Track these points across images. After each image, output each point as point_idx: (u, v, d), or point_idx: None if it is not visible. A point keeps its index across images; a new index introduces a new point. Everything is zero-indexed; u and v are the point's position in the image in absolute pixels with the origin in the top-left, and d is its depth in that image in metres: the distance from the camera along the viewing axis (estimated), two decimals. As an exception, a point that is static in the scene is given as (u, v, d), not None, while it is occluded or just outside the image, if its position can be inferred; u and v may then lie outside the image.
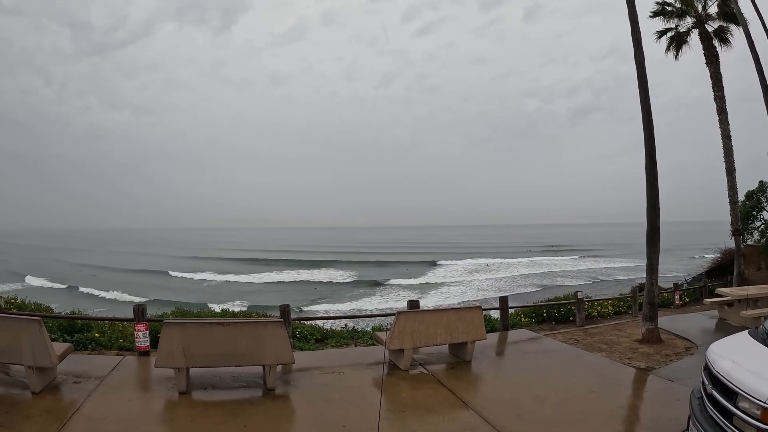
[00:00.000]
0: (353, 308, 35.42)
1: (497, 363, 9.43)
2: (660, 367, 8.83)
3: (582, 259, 76.10)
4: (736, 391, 3.97)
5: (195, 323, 7.49)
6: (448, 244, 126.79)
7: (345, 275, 58.84)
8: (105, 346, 9.94)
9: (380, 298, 41.50)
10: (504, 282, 49.60)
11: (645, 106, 11.23)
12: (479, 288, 46.24)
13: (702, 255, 33.16)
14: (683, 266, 47.85)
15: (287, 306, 9.98)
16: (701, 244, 39.45)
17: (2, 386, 6.89)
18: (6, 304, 11.14)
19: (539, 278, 53.13)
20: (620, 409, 6.78)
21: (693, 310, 15.90)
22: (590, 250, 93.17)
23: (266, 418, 6.20)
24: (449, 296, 41.89)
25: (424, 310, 9.71)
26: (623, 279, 45.53)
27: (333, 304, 37.88)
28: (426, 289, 44.50)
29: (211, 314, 12.44)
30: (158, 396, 6.91)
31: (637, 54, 11.34)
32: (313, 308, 35.44)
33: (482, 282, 50.27)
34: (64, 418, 5.86)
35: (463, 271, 62.11)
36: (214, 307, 15.87)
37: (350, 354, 9.97)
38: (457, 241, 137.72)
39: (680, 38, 20.56)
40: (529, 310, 14.96)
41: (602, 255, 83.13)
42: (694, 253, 62.33)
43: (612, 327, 12.75)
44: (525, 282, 50.22)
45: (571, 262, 72.48)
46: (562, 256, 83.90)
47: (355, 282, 52.58)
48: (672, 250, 66.85)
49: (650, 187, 11.12)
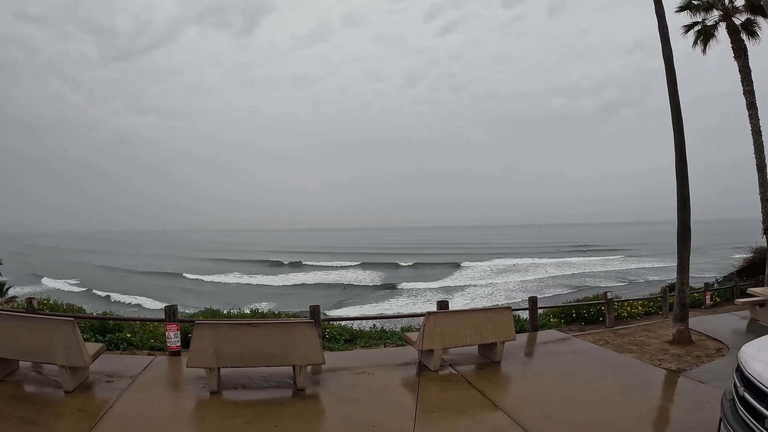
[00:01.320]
0: (379, 310, 35.46)
1: (526, 364, 9.37)
2: (691, 369, 8.66)
3: (612, 260, 74.34)
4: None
5: (226, 324, 7.61)
6: (474, 244, 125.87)
7: (370, 277, 58.99)
8: (136, 346, 10.11)
9: (406, 299, 41.54)
10: (532, 284, 48.85)
11: (674, 103, 11.05)
12: (506, 289, 45.89)
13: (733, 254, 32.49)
14: (714, 266, 46.90)
15: (317, 306, 10.03)
16: (733, 243, 38.61)
17: (35, 385, 7.07)
18: (39, 305, 11.39)
19: (568, 279, 52.29)
20: (650, 411, 6.67)
21: (724, 311, 15.59)
22: (621, 250, 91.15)
23: (296, 418, 6.25)
24: (476, 297, 41.70)
25: (453, 311, 9.71)
26: (654, 280, 44.71)
27: (359, 306, 38.03)
28: (451, 292, 44.20)
29: (241, 315, 12.57)
30: (189, 395, 7.02)
31: (664, 49, 11.16)
32: (339, 311, 35.47)
33: (509, 284, 49.79)
34: (96, 416, 5.97)
35: (490, 272, 61.66)
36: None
37: (379, 354, 9.99)
38: (483, 241, 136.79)
39: (707, 32, 20.21)
40: (558, 311, 14.85)
41: (633, 255, 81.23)
42: (725, 252, 61.17)
43: (642, 328, 12.57)
44: (554, 283, 49.45)
45: (601, 262, 70.92)
46: (591, 256, 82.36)
47: (381, 284, 52.61)
48: (702, 248, 65.65)
49: (680, 184, 10.94)
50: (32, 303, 10.65)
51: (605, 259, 76.62)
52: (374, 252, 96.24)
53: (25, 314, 8.87)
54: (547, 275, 56.62)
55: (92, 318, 11.85)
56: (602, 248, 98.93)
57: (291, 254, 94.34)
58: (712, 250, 67.45)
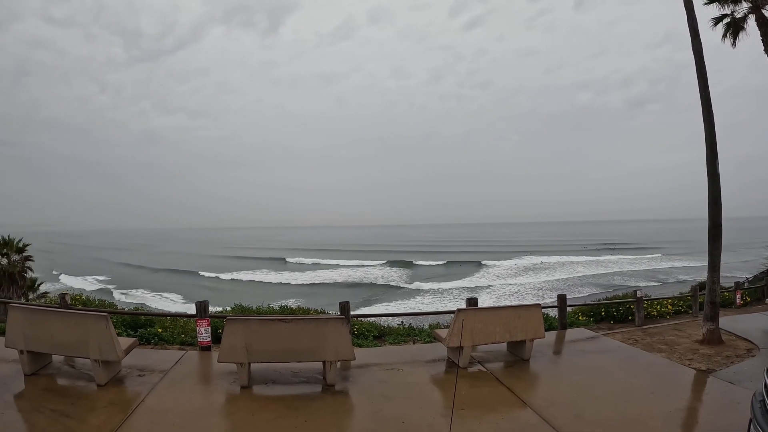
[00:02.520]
0: (405, 309, 35.39)
1: (555, 362, 9.30)
2: (721, 369, 8.56)
3: (643, 258, 72.98)
4: None
5: (257, 320, 7.72)
6: (501, 241, 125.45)
7: (396, 275, 59.05)
8: (167, 341, 10.34)
9: (432, 297, 41.49)
10: (560, 283, 48.30)
11: (704, 97, 10.88)
12: (534, 288, 45.61)
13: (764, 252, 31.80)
14: (745, 264, 46.06)
15: (347, 303, 10.11)
16: (764, 241, 37.74)
17: (69, 379, 7.25)
18: (72, 300, 11.65)
19: (597, 278, 51.55)
20: (679, 411, 6.61)
21: (755, 310, 15.33)
22: (651, 248, 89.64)
23: (326, 413, 6.32)
24: (501, 296, 41.55)
25: (483, 308, 9.66)
26: (686, 279, 43.95)
27: (385, 304, 38.02)
28: (477, 291, 43.76)
29: (270, 311, 12.70)
30: (220, 390, 7.13)
31: (694, 43, 10.99)
32: (364, 309, 35.57)
33: (534, 284, 49.27)
34: (128, 410, 6.10)
35: (516, 270, 61.28)
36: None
37: (408, 351, 10.03)
38: (509, 239, 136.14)
39: (736, 24, 19.77)
40: (587, 309, 14.77)
41: (665, 253, 79.72)
42: (756, 250, 59.87)
43: (672, 327, 12.42)
44: (582, 282, 48.92)
45: (630, 261, 69.79)
46: (621, 254, 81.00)
47: (405, 283, 52.60)
48: (733, 246, 64.42)
49: (712, 181, 10.77)
50: (65, 299, 10.93)
51: (635, 257, 75.21)
52: (400, 250, 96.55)
53: (59, 309, 9.11)
54: (575, 274, 55.93)
55: (124, 313, 12.15)
56: (632, 246, 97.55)
57: (316, 252, 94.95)
58: (743, 249, 66.25)
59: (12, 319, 7.15)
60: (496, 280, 52.98)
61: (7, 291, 18.60)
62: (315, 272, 62.77)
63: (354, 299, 38.07)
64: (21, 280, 19.10)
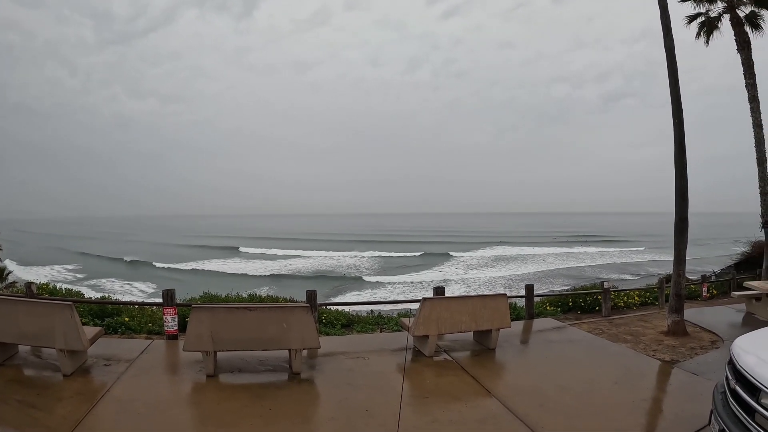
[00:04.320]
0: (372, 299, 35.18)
1: (521, 351, 9.39)
2: (685, 360, 8.71)
3: (615, 251, 73.28)
4: (760, 388, 3.91)
5: (223, 308, 7.62)
6: (474, 232, 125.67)
7: (369, 264, 58.77)
8: (134, 330, 10.19)
9: (398, 290, 41.34)
10: (531, 276, 47.35)
11: (674, 94, 10.99)
12: (505, 280, 45.47)
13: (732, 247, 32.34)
14: (713, 258, 46.79)
15: (314, 291, 10.13)
16: (732, 236, 38.35)
17: (35, 369, 7.15)
18: (38, 290, 11.44)
19: (567, 271, 51.24)
20: (643, 401, 6.70)
21: (720, 303, 15.61)
22: (623, 241, 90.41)
23: (292, 401, 6.31)
24: (471, 289, 41.46)
25: (449, 297, 9.67)
26: (657, 272, 44.33)
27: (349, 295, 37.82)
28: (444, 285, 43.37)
29: (238, 299, 12.61)
30: (186, 379, 7.08)
31: (666, 40, 11.08)
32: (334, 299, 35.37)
33: (505, 277, 48.58)
34: (94, 399, 6.04)
35: (488, 262, 61.26)
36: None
37: (375, 340, 10.05)
38: (482, 229, 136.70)
39: (711, 24, 20.07)
40: (554, 299, 14.93)
41: (635, 246, 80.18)
42: (724, 245, 60.69)
43: (638, 318, 12.63)
44: (553, 274, 48.74)
45: (599, 254, 69.40)
46: (592, 246, 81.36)
47: (375, 273, 52.38)
48: (701, 240, 65.48)
49: (679, 176, 10.91)
50: (31, 288, 10.74)
51: (605, 250, 75.66)
52: (371, 240, 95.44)
53: (25, 299, 8.93)
54: (547, 267, 55.63)
55: (91, 302, 11.96)
56: (604, 239, 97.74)
57: (284, 242, 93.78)
58: (710, 243, 67.35)
59: (-23, 310, 6.99)
60: (468, 271, 52.84)
61: (-26, 280, 18.20)
62: (283, 261, 62.15)
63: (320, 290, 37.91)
64: (-12, 270, 18.68)
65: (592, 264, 57.84)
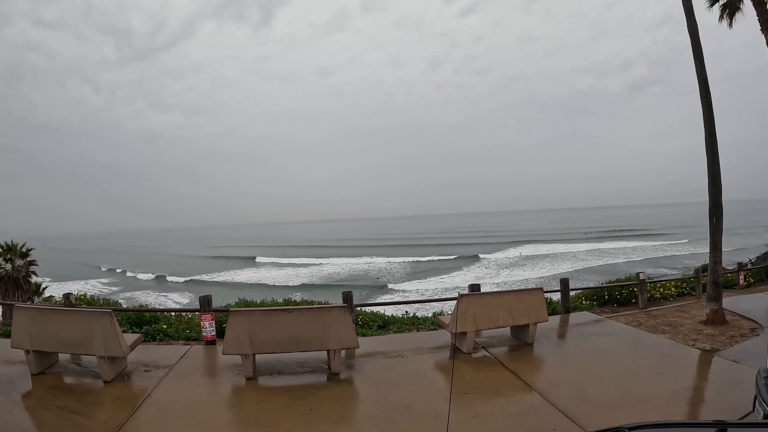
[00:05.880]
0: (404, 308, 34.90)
1: (559, 345, 9.32)
2: (725, 349, 8.59)
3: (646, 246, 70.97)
4: None
5: (261, 311, 7.75)
6: (502, 231, 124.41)
7: (401, 268, 58.46)
8: (172, 336, 10.37)
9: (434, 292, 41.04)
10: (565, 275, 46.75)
11: (701, 78, 10.85)
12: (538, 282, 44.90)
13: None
14: (749, 246, 45.77)
15: (350, 292, 10.18)
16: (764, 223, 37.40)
17: (75, 376, 7.28)
18: (76, 300, 11.70)
19: (601, 269, 49.96)
20: (684, 390, 6.60)
21: (758, 291, 15.31)
22: (656, 235, 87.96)
23: (331, 401, 6.36)
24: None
25: (485, 293, 9.64)
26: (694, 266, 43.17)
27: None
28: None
29: (274, 303, 12.74)
30: (226, 382, 7.17)
31: (689, 23, 10.94)
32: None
33: (536, 280, 47.19)
34: (135, 404, 6.14)
35: (520, 260, 60.66)
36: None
37: (412, 338, 10.04)
38: (511, 228, 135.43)
39: (732, 5, 19.74)
40: (590, 293, 14.77)
41: (676, 239, 77.25)
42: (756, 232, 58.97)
43: (675, 308, 12.45)
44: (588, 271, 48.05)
45: (633, 250, 67.74)
46: (625, 241, 79.41)
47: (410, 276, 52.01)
48: (735, 229, 63.94)
49: (711, 160, 10.74)
50: (69, 298, 10.98)
51: (640, 244, 73.41)
52: (402, 244, 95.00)
53: (64, 308, 9.15)
54: (580, 265, 54.28)
55: (129, 310, 12.21)
56: (636, 232, 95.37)
57: (309, 248, 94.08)
58: (745, 231, 65.75)
59: (17, 320, 7.18)
60: (500, 272, 52.22)
61: (12, 296, 18.69)
62: (313, 269, 62.38)
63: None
64: (26, 285, 19.21)
65: (627, 260, 56.10)
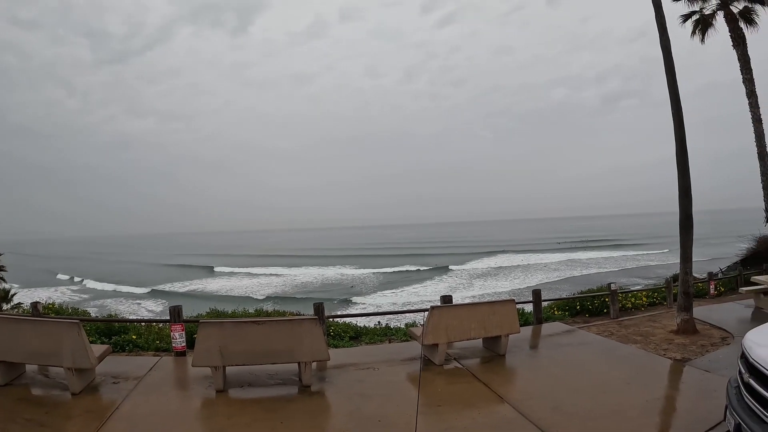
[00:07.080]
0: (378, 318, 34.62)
1: (532, 356, 9.35)
2: (696, 358, 8.67)
3: (619, 255, 70.94)
4: None
5: (232, 322, 7.61)
6: (477, 240, 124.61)
7: (374, 278, 58.10)
8: (142, 347, 10.16)
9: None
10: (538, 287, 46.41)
11: (673, 92, 11.03)
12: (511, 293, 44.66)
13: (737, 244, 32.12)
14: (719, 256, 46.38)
15: (321, 304, 10.10)
16: (737, 233, 38.03)
17: (43, 388, 7.12)
18: (44, 309, 11.44)
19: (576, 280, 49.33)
20: (657, 400, 6.68)
21: (728, 300, 15.54)
22: (628, 245, 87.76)
23: (303, 414, 6.27)
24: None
25: (457, 305, 9.66)
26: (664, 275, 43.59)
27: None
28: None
29: (245, 314, 12.61)
30: (196, 394, 7.05)
31: (662, 38, 11.11)
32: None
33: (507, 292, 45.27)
34: (104, 417, 6.00)
35: (492, 270, 60.55)
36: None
37: (384, 350, 10.02)
38: (484, 238, 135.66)
39: (705, 21, 20.23)
40: (562, 303, 14.86)
41: (655, 249, 76.45)
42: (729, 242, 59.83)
43: (647, 318, 12.57)
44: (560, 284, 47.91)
45: (605, 259, 67.18)
46: (596, 251, 78.94)
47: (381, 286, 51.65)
48: (706, 239, 64.80)
49: (681, 174, 10.91)
50: (37, 307, 10.73)
51: (613, 255, 72.88)
52: (372, 254, 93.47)
53: (31, 318, 8.93)
54: (552, 277, 53.13)
55: (97, 320, 11.94)
56: (609, 242, 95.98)
57: (282, 258, 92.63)
58: (715, 241, 66.68)
59: (-19, 330, 6.97)
60: (473, 281, 51.86)
61: (-22, 303, 18.19)
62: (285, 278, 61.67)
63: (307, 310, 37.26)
64: (-7, 291, 18.69)
65: (599, 272, 55.87)
